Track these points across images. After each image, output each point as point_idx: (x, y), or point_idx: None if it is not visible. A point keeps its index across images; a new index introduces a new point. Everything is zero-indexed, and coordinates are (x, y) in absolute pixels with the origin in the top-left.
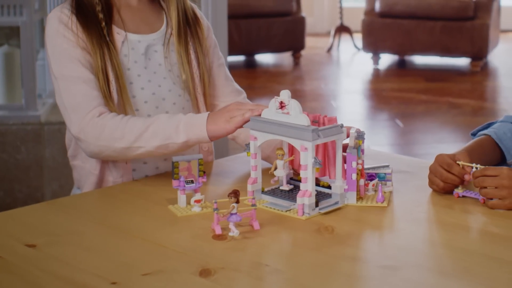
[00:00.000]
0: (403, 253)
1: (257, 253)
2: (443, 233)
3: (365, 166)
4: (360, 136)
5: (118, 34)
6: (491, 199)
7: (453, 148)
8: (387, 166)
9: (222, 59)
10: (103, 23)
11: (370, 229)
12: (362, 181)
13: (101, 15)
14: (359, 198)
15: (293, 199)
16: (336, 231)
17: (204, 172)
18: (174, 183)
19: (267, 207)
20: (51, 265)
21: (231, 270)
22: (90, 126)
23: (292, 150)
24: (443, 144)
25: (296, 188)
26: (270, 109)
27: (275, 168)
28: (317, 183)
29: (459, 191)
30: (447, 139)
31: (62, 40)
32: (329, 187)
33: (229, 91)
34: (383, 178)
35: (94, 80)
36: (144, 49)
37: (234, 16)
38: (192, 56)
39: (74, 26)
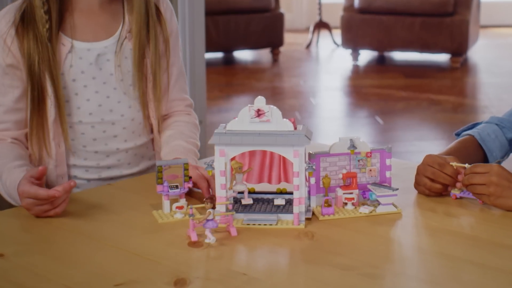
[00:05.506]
0: (386, 260)
1: (234, 261)
2: (426, 238)
3: (374, 182)
4: (353, 146)
5: (64, 45)
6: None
7: (434, 145)
8: (396, 189)
9: (177, 55)
10: (47, 41)
11: (352, 235)
12: (340, 191)
13: (47, 34)
14: (328, 206)
15: (272, 211)
16: (316, 237)
17: (190, 177)
18: (158, 188)
19: (250, 224)
20: (19, 275)
21: (207, 280)
22: None
23: (250, 162)
24: (423, 142)
25: (260, 200)
26: (241, 120)
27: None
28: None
29: (456, 192)
30: (427, 136)
31: None
32: (288, 193)
33: (172, 98)
34: (371, 198)
35: (10, 104)
36: (94, 58)
37: (211, 13)
38: (148, 61)
39: (10, 39)
